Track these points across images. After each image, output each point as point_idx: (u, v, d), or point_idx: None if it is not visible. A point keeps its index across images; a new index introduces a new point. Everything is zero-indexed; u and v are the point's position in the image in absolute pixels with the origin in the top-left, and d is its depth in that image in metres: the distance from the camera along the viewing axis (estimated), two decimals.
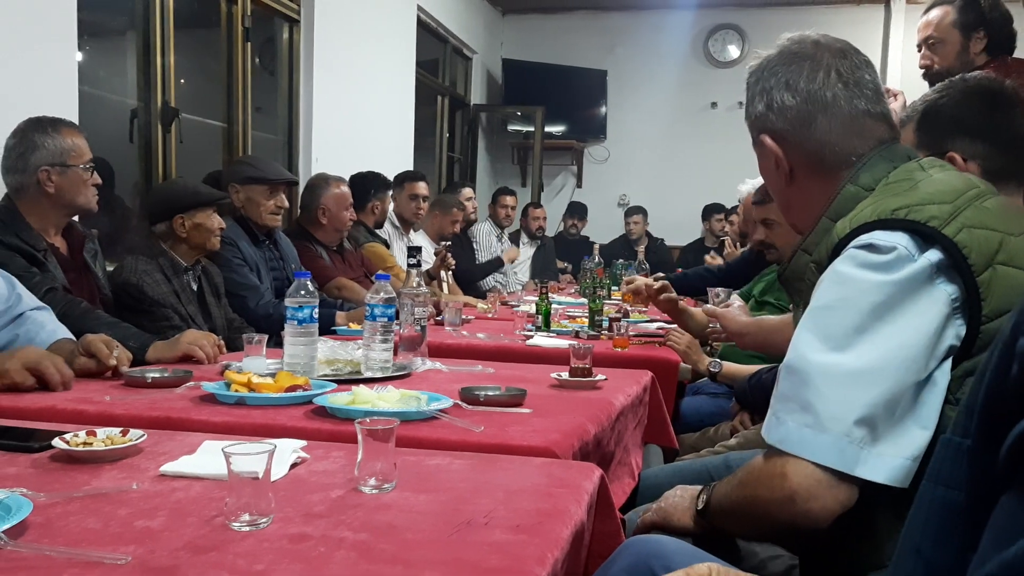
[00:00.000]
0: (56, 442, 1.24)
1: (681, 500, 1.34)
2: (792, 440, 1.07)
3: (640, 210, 7.58)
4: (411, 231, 5.02)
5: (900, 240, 1.08)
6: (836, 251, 1.14)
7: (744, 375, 2.50)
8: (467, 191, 6.16)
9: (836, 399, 1.05)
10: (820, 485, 1.05)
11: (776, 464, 1.09)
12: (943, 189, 1.14)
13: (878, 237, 1.09)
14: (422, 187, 4.96)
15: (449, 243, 4.68)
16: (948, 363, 1.07)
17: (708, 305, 2.40)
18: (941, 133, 1.55)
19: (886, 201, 1.14)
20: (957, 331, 1.06)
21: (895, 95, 2.70)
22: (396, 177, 4.98)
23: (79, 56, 2.96)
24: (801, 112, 1.27)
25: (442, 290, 4.48)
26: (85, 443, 1.24)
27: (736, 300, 2.46)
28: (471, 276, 5.72)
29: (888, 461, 1.04)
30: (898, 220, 1.09)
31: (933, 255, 1.06)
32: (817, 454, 1.05)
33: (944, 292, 1.06)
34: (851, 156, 1.26)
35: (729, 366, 2.68)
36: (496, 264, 6.07)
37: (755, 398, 2.48)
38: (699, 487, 1.33)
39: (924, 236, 1.07)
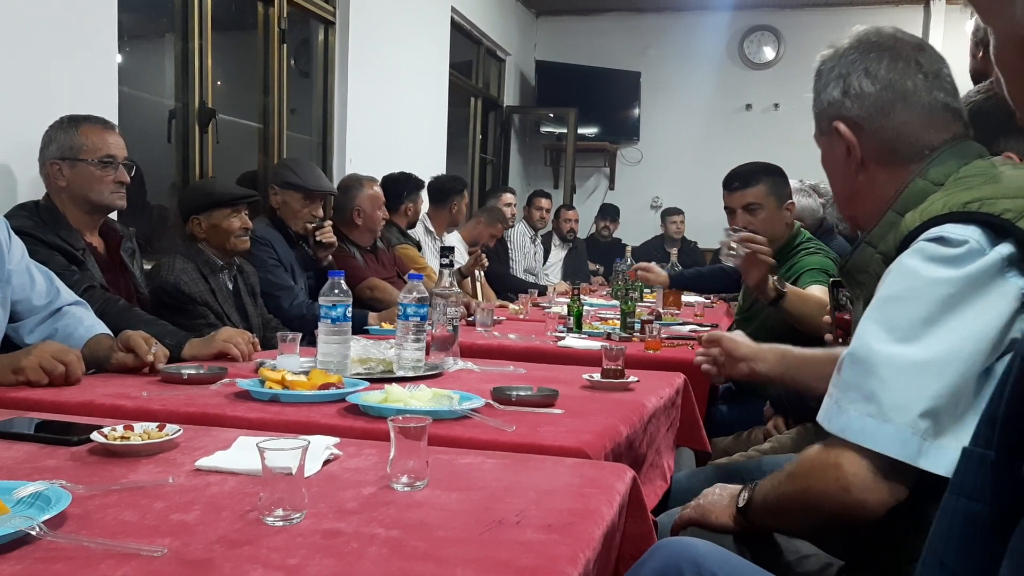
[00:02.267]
0: (94, 436, 1.26)
1: (720, 498, 1.34)
2: (854, 429, 1.06)
3: (680, 211, 7.51)
4: (445, 232, 5.03)
5: (972, 234, 1.06)
6: (905, 243, 1.13)
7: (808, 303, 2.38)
8: (509, 196, 6.16)
9: (901, 389, 1.04)
10: (876, 476, 1.04)
11: (831, 455, 1.08)
12: (1017, 184, 1.13)
13: (949, 230, 1.07)
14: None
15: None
16: (1008, 357, 1.05)
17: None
18: (993, 132, 1.52)
19: (958, 195, 1.12)
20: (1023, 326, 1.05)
21: None
22: (461, 182, 5.04)
23: (119, 58, 3.00)
24: (880, 99, 1.26)
25: (474, 291, 4.48)
26: (123, 437, 1.26)
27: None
28: (505, 280, 5.69)
29: (950, 454, 1.02)
30: (971, 213, 1.08)
31: (1005, 248, 1.05)
32: (879, 444, 1.04)
33: (1015, 286, 1.04)
34: (924, 149, 1.24)
35: (793, 289, 2.50)
36: (534, 285, 6.01)
37: (789, 402, 2.46)
38: (739, 486, 1.32)
39: (997, 229, 1.06)
